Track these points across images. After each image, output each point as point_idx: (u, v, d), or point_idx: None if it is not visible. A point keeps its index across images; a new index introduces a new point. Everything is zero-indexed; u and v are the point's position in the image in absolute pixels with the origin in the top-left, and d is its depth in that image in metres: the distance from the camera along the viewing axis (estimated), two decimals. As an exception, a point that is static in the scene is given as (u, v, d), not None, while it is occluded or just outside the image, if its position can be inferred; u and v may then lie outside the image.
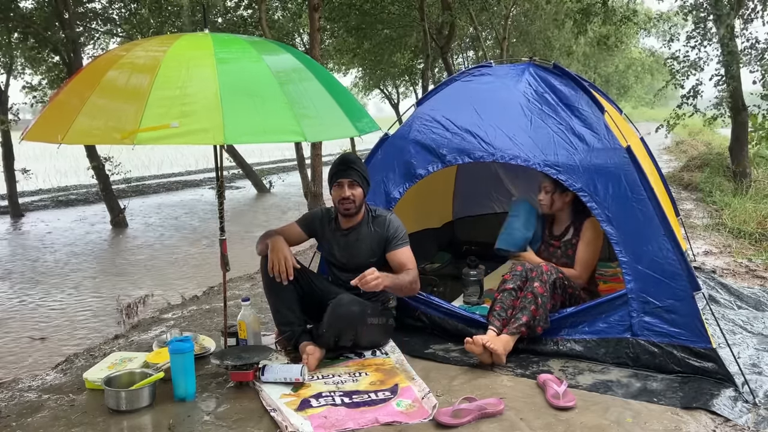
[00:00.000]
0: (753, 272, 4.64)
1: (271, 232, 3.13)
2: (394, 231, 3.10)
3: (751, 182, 8.62)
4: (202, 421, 2.48)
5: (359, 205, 3.08)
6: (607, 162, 3.07)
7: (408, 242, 3.15)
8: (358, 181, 3.04)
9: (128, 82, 2.44)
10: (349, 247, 3.15)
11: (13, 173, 11.44)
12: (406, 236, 3.15)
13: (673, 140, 20.63)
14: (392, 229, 3.10)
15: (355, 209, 3.07)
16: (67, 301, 5.95)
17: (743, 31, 8.78)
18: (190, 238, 9.06)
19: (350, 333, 2.94)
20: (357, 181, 3.03)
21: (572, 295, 3.19)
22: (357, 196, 3.04)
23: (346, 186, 3.02)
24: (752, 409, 2.48)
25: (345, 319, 2.90)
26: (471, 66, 5.94)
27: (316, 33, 7.71)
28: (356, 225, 3.15)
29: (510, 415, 2.45)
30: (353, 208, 3.06)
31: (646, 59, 29.71)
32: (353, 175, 3.02)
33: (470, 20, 13.94)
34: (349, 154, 3.16)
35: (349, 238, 3.15)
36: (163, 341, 3.22)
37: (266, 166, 19.11)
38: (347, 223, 3.16)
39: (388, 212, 3.21)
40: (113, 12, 11.96)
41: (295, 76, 2.69)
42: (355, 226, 3.15)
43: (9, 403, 2.74)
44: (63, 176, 17.56)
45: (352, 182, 3.03)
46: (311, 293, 3.11)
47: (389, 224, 3.11)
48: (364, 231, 3.14)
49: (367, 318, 2.97)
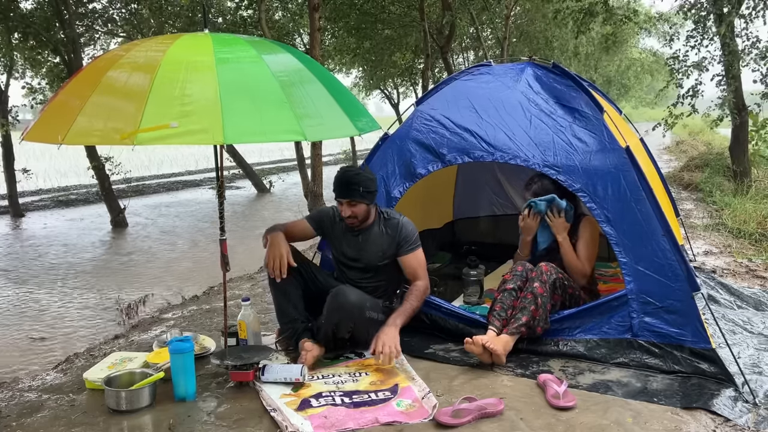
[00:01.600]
0: (753, 272, 4.64)
1: (276, 227, 3.15)
2: (406, 235, 3.12)
3: (752, 182, 8.62)
4: (202, 421, 2.48)
5: (363, 218, 3.10)
6: (606, 162, 3.07)
7: (420, 245, 3.17)
8: (358, 199, 3.03)
9: (128, 83, 2.44)
10: (360, 247, 3.17)
11: (14, 173, 11.45)
12: (418, 239, 3.17)
13: (673, 140, 20.66)
14: (404, 233, 3.12)
15: (358, 223, 3.11)
16: (67, 301, 5.96)
17: (743, 30, 8.78)
18: (190, 238, 9.06)
19: (348, 323, 2.94)
20: (357, 199, 3.03)
21: (572, 295, 3.19)
22: (358, 212, 3.06)
23: (345, 206, 3.05)
24: (752, 409, 2.48)
25: (344, 309, 2.91)
26: (471, 65, 5.94)
27: (316, 33, 7.71)
28: (367, 227, 3.17)
29: (510, 415, 2.45)
30: (357, 222, 3.10)
31: (646, 59, 29.70)
32: (352, 195, 3.02)
33: (471, 20, 13.93)
34: (346, 172, 3.08)
35: (360, 238, 3.17)
36: (163, 341, 3.22)
37: (266, 166, 19.12)
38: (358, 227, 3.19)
39: (399, 215, 3.21)
40: (113, 12, 11.97)
41: (295, 76, 2.68)
42: (367, 227, 3.17)
43: (9, 403, 2.74)
44: (63, 176, 17.58)
45: (351, 201, 3.04)
46: (315, 288, 3.13)
47: (401, 228, 3.12)
48: (375, 232, 3.15)
49: (366, 311, 2.97)
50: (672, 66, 9.68)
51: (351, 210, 3.04)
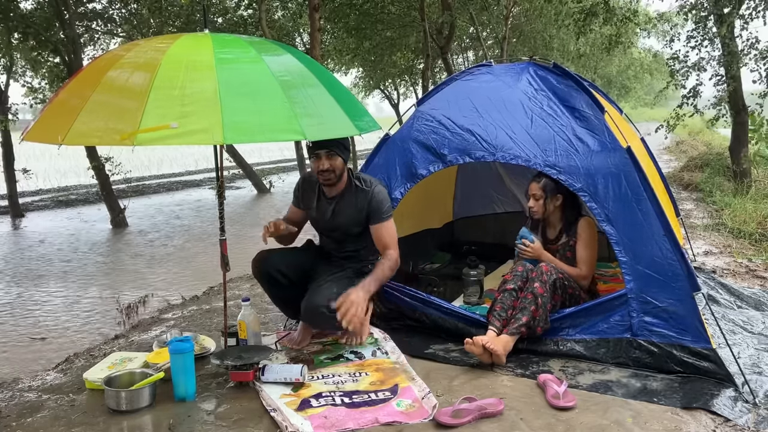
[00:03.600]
0: (753, 272, 4.64)
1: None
2: (377, 204, 3.11)
3: (752, 182, 8.62)
4: (202, 421, 2.48)
5: (339, 174, 3.11)
6: (607, 162, 3.07)
7: (391, 215, 3.17)
8: (336, 151, 3.05)
9: (128, 83, 2.44)
10: (333, 215, 3.20)
11: (14, 173, 11.45)
12: (390, 209, 3.18)
13: (673, 140, 20.64)
14: (375, 203, 3.11)
15: (335, 178, 3.10)
16: (67, 301, 5.96)
17: (743, 30, 8.78)
18: (190, 238, 9.06)
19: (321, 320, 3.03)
20: (335, 150, 3.04)
21: (572, 295, 3.19)
22: (336, 166, 3.06)
23: (323, 157, 3.04)
24: (752, 409, 2.48)
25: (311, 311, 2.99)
26: (471, 66, 5.94)
27: (316, 33, 7.71)
28: (340, 193, 3.18)
29: (510, 415, 2.45)
30: (333, 178, 3.09)
31: (645, 59, 29.71)
32: (331, 146, 3.02)
33: (470, 20, 13.94)
34: None
35: (333, 206, 3.19)
36: (163, 341, 3.22)
37: (266, 166, 19.14)
38: (331, 192, 3.20)
39: (374, 182, 3.20)
40: (113, 12, 11.97)
41: (295, 76, 2.68)
42: (339, 194, 3.18)
43: (9, 403, 2.74)
44: (63, 176, 17.58)
45: (330, 152, 3.04)
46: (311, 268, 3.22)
47: (372, 197, 3.12)
48: (347, 200, 3.17)
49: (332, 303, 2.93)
50: (672, 66, 9.69)
51: (329, 163, 3.04)
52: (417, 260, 4.50)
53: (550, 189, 3.28)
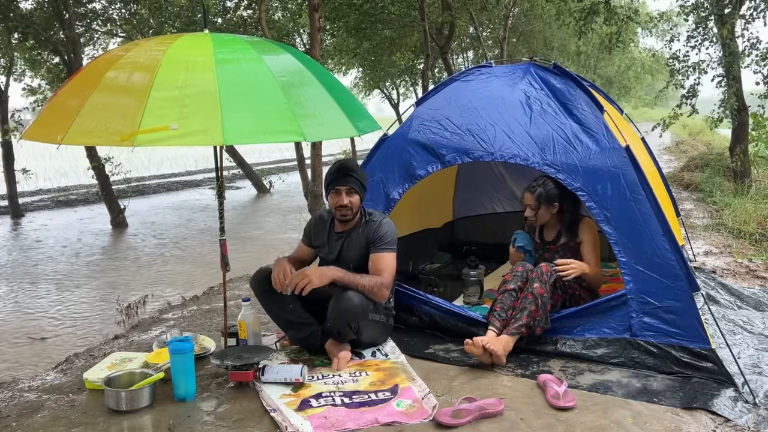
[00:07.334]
0: (753, 272, 4.64)
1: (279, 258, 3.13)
2: (381, 234, 3.07)
3: (752, 182, 8.62)
4: (202, 421, 2.48)
5: (356, 211, 3.10)
6: (606, 162, 3.07)
7: (394, 249, 3.08)
8: (356, 189, 3.04)
9: (127, 83, 2.44)
10: (340, 251, 3.16)
11: (13, 173, 11.43)
12: (393, 242, 3.09)
13: (673, 140, 20.65)
14: (379, 232, 3.07)
15: (352, 216, 3.09)
16: (67, 301, 5.95)
17: (744, 31, 8.77)
18: (189, 238, 9.06)
19: (352, 325, 2.92)
20: (354, 188, 3.04)
21: (572, 295, 3.19)
22: (354, 203, 3.06)
23: (343, 194, 3.04)
24: (752, 409, 2.49)
25: (348, 312, 2.88)
26: (471, 66, 5.94)
27: (316, 33, 7.70)
28: (350, 230, 3.16)
29: (510, 415, 2.45)
30: (350, 215, 3.08)
31: (646, 59, 29.71)
32: (351, 183, 3.02)
33: (470, 20, 13.93)
34: (347, 161, 3.15)
35: (341, 242, 3.16)
36: (163, 341, 3.22)
37: (266, 166, 19.10)
38: (342, 227, 3.18)
39: (382, 216, 3.18)
40: (113, 12, 11.96)
41: (294, 77, 2.68)
42: (349, 230, 3.16)
43: (9, 403, 2.74)
44: (63, 176, 17.56)
45: (350, 190, 3.03)
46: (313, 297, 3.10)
47: (378, 227, 3.08)
48: (354, 236, 3.14)
49: (369, 313, 2.97)
50: (672, 66, 9.68)
51: (349, 199, 3.03)
52: (417, 260, 4.50)
53: (544, 199, 3.28)
